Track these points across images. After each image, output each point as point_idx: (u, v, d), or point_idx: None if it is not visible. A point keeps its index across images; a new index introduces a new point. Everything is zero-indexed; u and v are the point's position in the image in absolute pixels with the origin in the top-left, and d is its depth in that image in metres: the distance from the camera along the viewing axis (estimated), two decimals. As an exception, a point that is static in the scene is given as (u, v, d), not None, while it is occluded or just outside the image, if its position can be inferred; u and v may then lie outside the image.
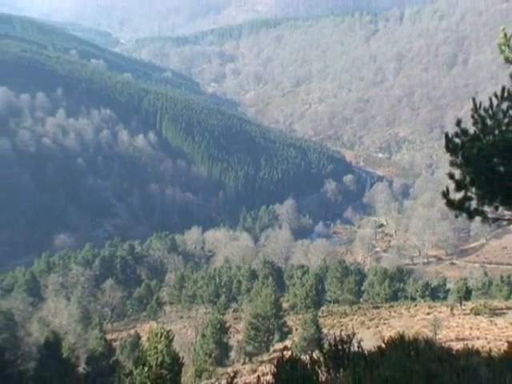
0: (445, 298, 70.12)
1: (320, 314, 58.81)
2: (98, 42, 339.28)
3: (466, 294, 62.64)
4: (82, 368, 43.28)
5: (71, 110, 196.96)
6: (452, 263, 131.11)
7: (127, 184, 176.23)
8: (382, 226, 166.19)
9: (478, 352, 14.50)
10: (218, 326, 51.91)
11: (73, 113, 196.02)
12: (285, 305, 65.11)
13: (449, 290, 74.94)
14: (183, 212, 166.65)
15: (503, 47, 12.39)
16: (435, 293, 74.17)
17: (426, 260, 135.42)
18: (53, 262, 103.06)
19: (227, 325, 54.24)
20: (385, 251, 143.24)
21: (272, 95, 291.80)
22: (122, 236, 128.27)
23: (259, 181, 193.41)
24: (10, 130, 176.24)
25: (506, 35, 12.32)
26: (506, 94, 12.34)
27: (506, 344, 14.46)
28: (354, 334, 15.76)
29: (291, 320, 57.91)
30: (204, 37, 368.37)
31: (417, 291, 72.27)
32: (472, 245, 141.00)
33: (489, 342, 34.54)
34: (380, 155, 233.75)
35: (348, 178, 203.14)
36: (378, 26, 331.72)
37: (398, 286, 75.01)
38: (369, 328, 49.21)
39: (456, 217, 13.53)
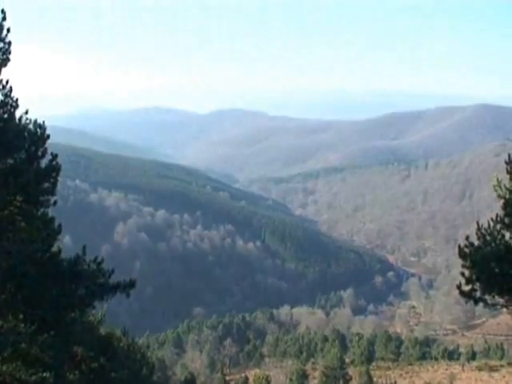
0: (458, 359, 67.25)
1: (371, 367, 57.07)
2: (224, 180, 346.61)
3: (473, 356, 60.22)
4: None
5: (206, 225, 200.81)
6: (463, 334, 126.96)
7: (241, 274, 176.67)
8: (414, 307, 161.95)
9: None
10: (301, 373, 51.18)
11: (207, 227, 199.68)
12: (347, 360, 63.60)
13: (460, 353, 72.07)
14: (278, 294, 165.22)
15: (496, 187, 12.87)
16: (451, 355, 71.18)
17: (444, 332, 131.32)
18: (191, 325, 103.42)
19: (307, 373, 53.35)
20: (416, 325, 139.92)
21: (339, 217, 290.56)
22: (237, 309, 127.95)
23: (329, 274, 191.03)
24: (166, 237, 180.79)
25: (497, 180, 12.82)
26: (498, 219, 12.78)
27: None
28: (395, 382, 15.68)
29: (351, 371, 56.31)
30: (294, 178, 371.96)
31: (438, 353, 69.58)
32: (477, 321, 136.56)
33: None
34: (412, 259, 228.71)
35: (390, 274, 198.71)
36: (410, 171, 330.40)
37: (425, 349, 72.51)
38: (405, 379, 47.53)
39: (466, 302, 13.74)
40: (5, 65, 12.41)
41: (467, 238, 13.43)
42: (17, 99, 12.47)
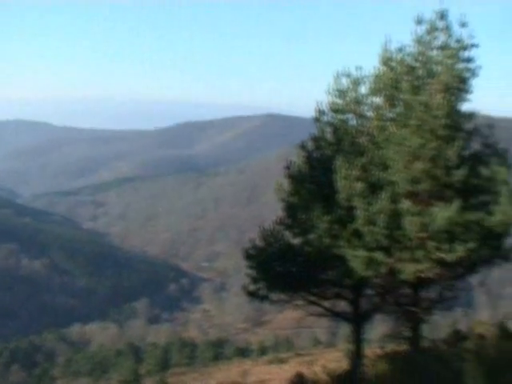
0: (250, 355, 70.34)
1: (166, 375, 57.20)
2: (6, 196, 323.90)
3: (263, 351, 63.44)
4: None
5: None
6: (253, 332, 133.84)
7: (27, 294, 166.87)
8: (207, 310, 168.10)
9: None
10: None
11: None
12: (143, 371, 63.29)
13: (253, 350, 75.54)
14: (68, 312, 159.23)
15: (278, 191, 13.55)
16: (243, 352, 74.27)
17: (237, 331, 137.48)
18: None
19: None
20: (210, 328, 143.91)
21: (131, 228, 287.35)
22: (23, 332, 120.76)
23: (122, 287, 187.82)
24: None
25: (278, 183, 13.52)
26: (279, 221, 13.42)
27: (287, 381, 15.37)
28: None
29: (147, 381, 56.10)
30: (82, 190, 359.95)
31: (231, 352, 72.18)
32: (266, 318, 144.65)
33: (278, 381, 34.94)
34: (205, 264, 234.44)
35: (184, 281, 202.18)
36: (202, 179, 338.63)
37: (218, 350, 74.70)
38: (200, 381, 48.43)
39: (251, 300, 14.29)
40: None
41: (252, 240, 14.07)
42: None
